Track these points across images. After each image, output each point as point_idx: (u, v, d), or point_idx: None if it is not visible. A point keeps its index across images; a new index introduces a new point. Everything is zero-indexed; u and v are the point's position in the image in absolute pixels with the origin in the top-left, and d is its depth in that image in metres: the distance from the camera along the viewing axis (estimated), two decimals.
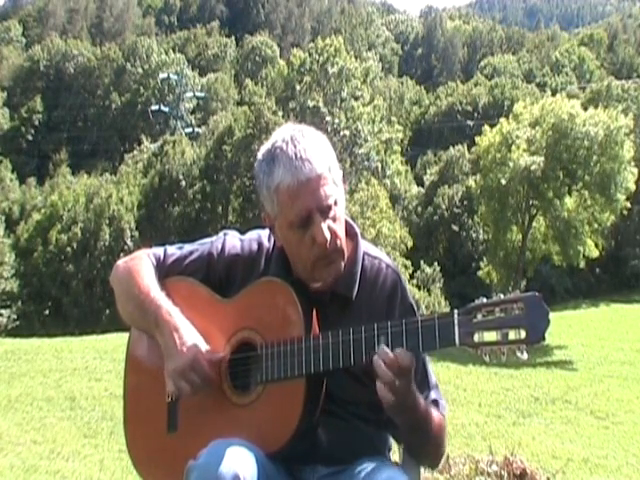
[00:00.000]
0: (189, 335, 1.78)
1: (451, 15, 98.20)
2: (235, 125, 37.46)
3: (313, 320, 1.77)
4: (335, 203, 1.76)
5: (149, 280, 1.88)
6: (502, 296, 1.58)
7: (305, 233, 1.74)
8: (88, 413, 9.10)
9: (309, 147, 1.74)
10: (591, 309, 32.23)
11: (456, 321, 1.58)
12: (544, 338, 1.53)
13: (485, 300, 1.58)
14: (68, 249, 32.93)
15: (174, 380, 1.75)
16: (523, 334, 1.54)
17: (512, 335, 1.55)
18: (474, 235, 38.10)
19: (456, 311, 1.59)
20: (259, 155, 1.81)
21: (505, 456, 4.51)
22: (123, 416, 1.99)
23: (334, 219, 1.76)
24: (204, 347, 1.77)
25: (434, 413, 1.78)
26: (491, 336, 1.56)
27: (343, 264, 1.80)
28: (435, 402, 1.83)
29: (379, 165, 36.12)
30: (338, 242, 1.77)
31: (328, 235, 1.73)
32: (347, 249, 1.83)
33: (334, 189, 1.76)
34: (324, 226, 1.73)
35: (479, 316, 1.57)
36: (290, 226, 1.75)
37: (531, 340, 1.54)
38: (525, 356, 1.54)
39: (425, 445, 1.81)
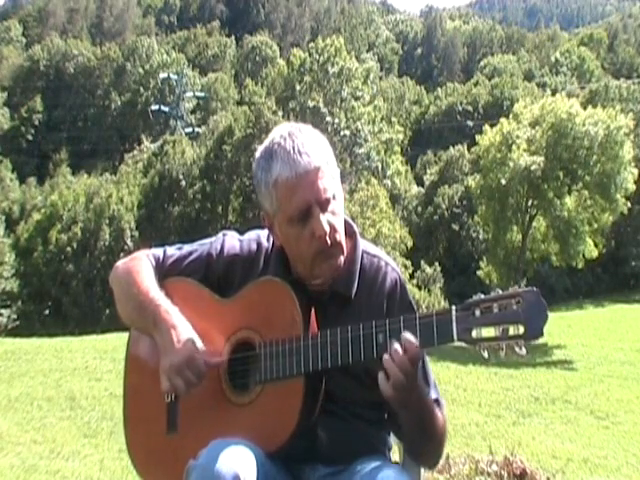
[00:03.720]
0: (185, 333, 1.78)
1: (451, 15, 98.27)
2: (235, 125, 37.45)
3: (312, 319, 1.77)
4: (334, 197, 1.76)
5: (148, 281, 1.88)
6: (500, 292, 1.57)
7: (304, 227, 1.74)
8: (88, 413, 9.10)
9: (307, 141, 1.75)
10: (591, 309, 32.23)
11: (454, 317, 1.58)
12: (542, 334, 1.52)
13: (483, 296, 1.58)
14: (68, 249, 32.94)
15: (169, 377, 1.75)
16: (521, 330, 1.53)
17: (510, 331, 1.54)
18: (474, 235, 38.10)
19: (454, 307, 1.59)
20: (257, 154, 1.81)
21: (505, 456, 4.52)
22: (123, 416, 1.99)
23: (333, 213, 1.76)
24: (200, 345, 1.77)
25: (437, 412, 1.78)
26: (489, 332, 1.56)
27: (342, 259, 1.80)
28: (437, 401, 1.82)
29: (379, 165, 36.14)
30: (337, 236, 1.77)
31: (327, 228, 1.73)
32: (346, 248, 1.83)
33: (332, 183, 1.77)
34: (323, 219, 1.73)
35: (477, 312, 1.56)
36: (289, 221, 1.75)
37: (529, 336, 1.53)
38: (524, 352, 1.53)
39: (428, 443, 1.80)
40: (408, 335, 1.61)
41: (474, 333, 1.57)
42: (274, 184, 1.74)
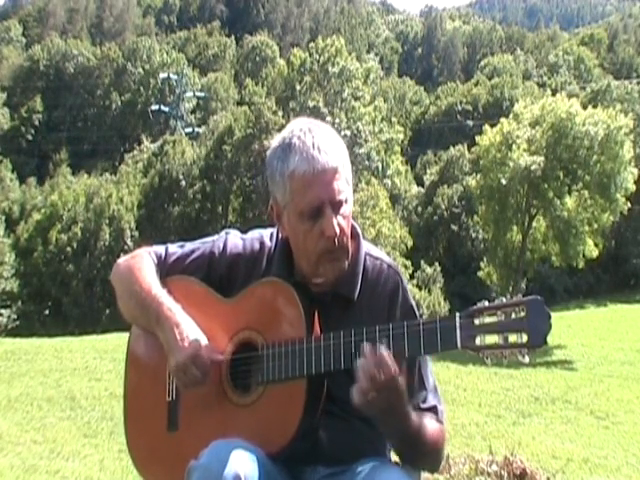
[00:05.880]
0: (190, 330, 1.78)
1: (451, 15, 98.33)
2: (235, 125, 37.46)
3: (314, 321, 1.77)
4: (346, 200, 1.76)
5: (150, 278, 1.87)
6: (504, 300, 1.58)
7: (314, 225, 1.73)
8: (88, 413, 9.08)
9: (326, 140, 1.74)
10: (591, 308, 32.23)
11: (458, 324, 1.58)
12: (546, 342, 1.53)
13: (487, 303, 1.58)
14: (68, 249, 32.96)
15: (176, 375, 1.76)
16: (525, 338, 1.54)
17: (514, 339, 1.54)
18: (474, 235, 38.12)
19: (458, 314, 1.59)
20: (274, 143, 1.79)
21: (505, 456, 4.51)
22: (123, 416, 1.98)
23: (343, 216, 1.75)
24: (205, 342, 1.77)
25: (429, 425, 1.76)
26: (493, 339, 1.56)
27: (347, 263, 1.79)
28: (433, 408, 1.82)
29: (379, 165, 36.12)
30: (345, 239, 1.76)
31: (337, 229, 1.73)
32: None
33: (346, 186, 1.76)
34: (334, 220, 1.73)
35: (481, 319, 1.57)
36: (300, 215, 1.74)
37: (532, 344, 1.53)
38: (526, 359, 1.54)
39: (417, 455, 1.79)
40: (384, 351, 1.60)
41: (477, 340, 1.57)
42: (290, 176, 1.73)
